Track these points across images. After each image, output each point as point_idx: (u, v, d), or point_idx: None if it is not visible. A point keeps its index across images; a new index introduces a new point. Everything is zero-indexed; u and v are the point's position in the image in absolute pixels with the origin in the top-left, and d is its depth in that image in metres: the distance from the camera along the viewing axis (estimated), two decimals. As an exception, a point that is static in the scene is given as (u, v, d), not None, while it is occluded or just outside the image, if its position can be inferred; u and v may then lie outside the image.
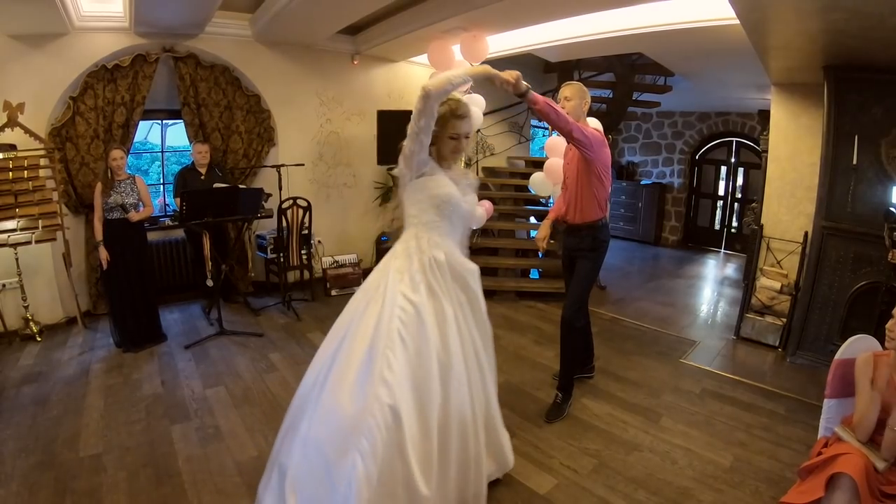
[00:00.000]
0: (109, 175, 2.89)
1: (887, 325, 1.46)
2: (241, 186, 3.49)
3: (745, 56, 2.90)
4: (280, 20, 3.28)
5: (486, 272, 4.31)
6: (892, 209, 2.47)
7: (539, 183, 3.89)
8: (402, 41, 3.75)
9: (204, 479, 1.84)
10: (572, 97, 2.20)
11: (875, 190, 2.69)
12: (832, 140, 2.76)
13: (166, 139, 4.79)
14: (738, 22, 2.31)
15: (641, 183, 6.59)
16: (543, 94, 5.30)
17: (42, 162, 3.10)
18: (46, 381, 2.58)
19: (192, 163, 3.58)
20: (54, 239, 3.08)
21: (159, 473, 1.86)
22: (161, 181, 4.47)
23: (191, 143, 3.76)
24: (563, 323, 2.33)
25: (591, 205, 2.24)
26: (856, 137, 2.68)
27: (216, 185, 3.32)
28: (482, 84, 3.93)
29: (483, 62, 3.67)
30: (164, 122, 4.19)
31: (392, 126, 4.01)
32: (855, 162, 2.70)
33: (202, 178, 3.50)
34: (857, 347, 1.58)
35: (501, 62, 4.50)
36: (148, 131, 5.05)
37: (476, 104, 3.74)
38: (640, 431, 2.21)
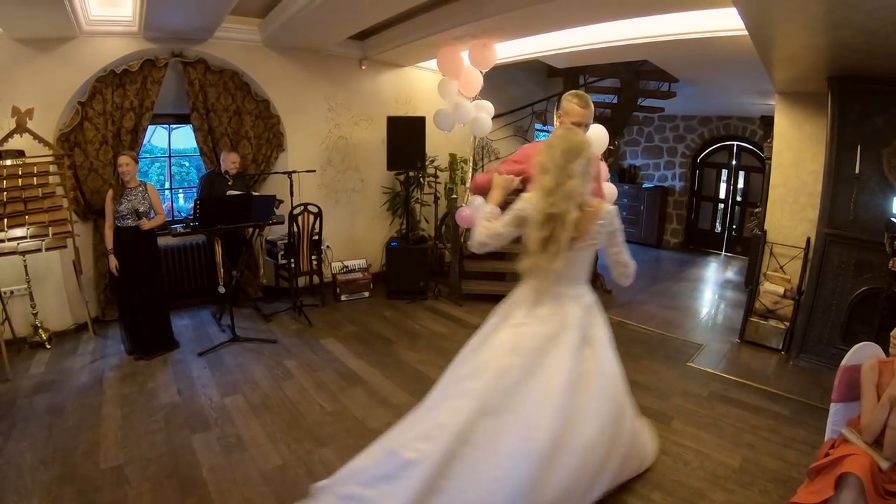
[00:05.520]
0: (120, 182, 2.87)
1: (892, 333, 1.52)
2: (254, 194, 3.49)
3: (750, 65, 2.95)
4: (291, 25, 3.28)
5: (493, 277, 4.41)
6: (892, 220, 2.53)
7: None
8: (412, 47, 3.76)
9: (230, 489, 1.84)
10: (585, 119, 1.77)
11: (877, 198, 2.76)
12: (835, 149, 2.82)
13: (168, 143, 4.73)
14: (745, 33, 2.36)
15: (643, 186, 6.66)
16: (546, 98, 5.37)
17: (51, 168, 3.07)
18: (60, 390, 2.56)
19: (219, 167, 3.58)
20: (65, 246, 3.05)
21: (184, 484, 1.85)
22: (168, 185, 4.45)
23: (199, 148, 3.75)
24: None
25: None
26: (858, 146, 2.75)
27: (229, 192, 3.32)
28: (490, 89, 3.97)
29: (491, 68, 3.69)
30: (171, 126, 4.15)
31: (401, 132, 4.00)
32: (857, 170, 2.76)
33: (230, 182, 3.52)
34: (862, 354, 1.64)
35: (508, 68, 4.54)
36: (151, 135, 4.99)
37: (484, 110, 3.76)
38: (653, 434, 2.26)
